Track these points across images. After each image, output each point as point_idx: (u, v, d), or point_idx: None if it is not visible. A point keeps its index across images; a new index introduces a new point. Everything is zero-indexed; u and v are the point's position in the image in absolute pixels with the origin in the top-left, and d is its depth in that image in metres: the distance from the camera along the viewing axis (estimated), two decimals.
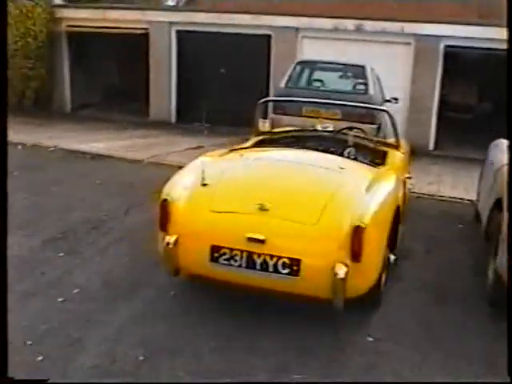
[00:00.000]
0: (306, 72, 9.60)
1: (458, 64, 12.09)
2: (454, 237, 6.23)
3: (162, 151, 10.09)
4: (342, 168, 4.46)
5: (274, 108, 9.10)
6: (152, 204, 4.49)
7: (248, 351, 3.77)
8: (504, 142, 6.47)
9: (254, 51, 12.68)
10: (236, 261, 3.86)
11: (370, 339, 4.00)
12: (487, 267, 4.90)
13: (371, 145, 5.54)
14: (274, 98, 5.79)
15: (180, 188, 4.22)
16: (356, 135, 5.69)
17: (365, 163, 4.86)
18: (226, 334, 3.96)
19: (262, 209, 3.89)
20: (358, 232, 3.73)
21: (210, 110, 13.02)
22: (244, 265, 3.84)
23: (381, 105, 9.05)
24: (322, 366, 3.67)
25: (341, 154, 5.40)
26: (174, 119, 14.08)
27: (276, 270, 3.79)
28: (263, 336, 3.95)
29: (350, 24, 11.82)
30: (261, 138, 5.79)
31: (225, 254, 3.88)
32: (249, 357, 3.70)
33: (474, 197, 7.04)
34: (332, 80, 9.78)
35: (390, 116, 5.51)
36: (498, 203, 4.81)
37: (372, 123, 8.76)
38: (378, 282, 4.12)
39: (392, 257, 4.44)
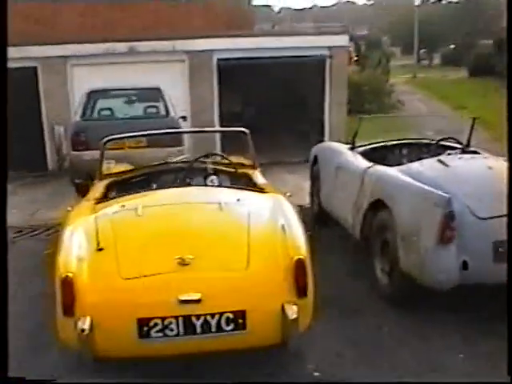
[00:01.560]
0: (99, 101, 8.92)
1: (229, 75, 12.42)
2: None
3: None
4: (238, 200, 4.11)
5: (73, 144, 8.26)
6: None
7: None
8: (334, 145, 6.71)
9: (19, 87, 11.39)
10: (172, 330, 3.31)
11: None
12: (373, 268, 4.96)
13: (231, 169, 5.26)
14: (119, 136, 5.12)
15: (74, 259, 3.48)
16: (214, 161, 5.37)
17: (249, 189, 4.56)
18: None
19: (183, 263, 3.39)
20: (300, 265, 3.44)
21: None
22: (182, 332, 3.31)
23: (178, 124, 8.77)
24: None
25: (204, 184, 5.06)
26: None
27: (219, 329, 3.33)
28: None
29: (122, 47, 11.31)
30: (107, 181, 5.12)
31: (156, 324, 3.30)
32: None
33: (306, 201, 7.13)
34: (122, 107, 9.24)
35: (246, 135, 5.30)
36: (374, 205, 4.90)
37: (178, 146, 8.46)
38: None
39: None
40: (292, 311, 3.35)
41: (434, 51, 41.30)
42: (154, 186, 5.00)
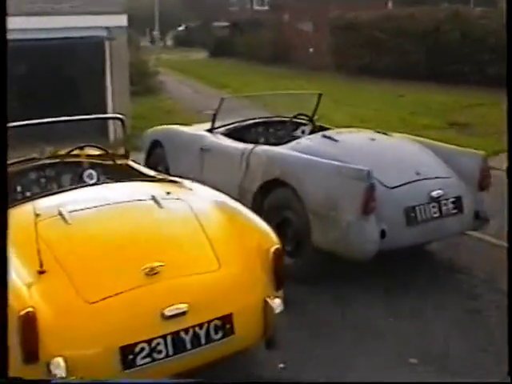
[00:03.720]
0: None
1: None
2: None
3: None
4: (168, 193, 3.66)
5: None
6: None
7: None
8: (180, 128, 6.40)
9: None
10: (160, 352, 2.85)
11: None
12: None
13: (109, 161, 4.65)
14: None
15: (24, 287, 2.76)
16: (88, 155, 4.69)
17: (162, 180, 4.08)
18: None
19: (152, 273, 2.93)
20: (279, 255, 3.22)
21: None
22: (171, 352, 2.88)
23: None
24: None
25: (80, 179, 4.44)
26: None
27: (209, 339, 2.97)
28: None
29: None
30: None
31: (142, 349, 2.81)
32: None
33: None
34: None
35: (124, 123, 4.73)
36: (266, 185, 4.80)
37: None
38: None
39: None
40: (276, 305, 3.13)
41: (165, 33, 41.88)
42: (31, 187, 4.29)
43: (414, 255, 4.89)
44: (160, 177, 4.20)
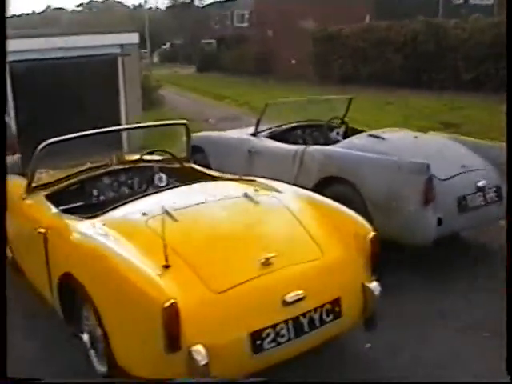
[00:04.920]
0: None
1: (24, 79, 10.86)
2: None
3: None
4: (256, 190, 3.62)
5: None
6: None
7: None
8: (220, 133, 6.37)
9: None
10: (283, 336, 2.83)
11: None
12: None
13: (177, 164, 4.61)
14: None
15: (160, 280, 2.71)
16: (156, 160, 4.65)
17: (239, 180, 4.04)
18: None
19: (267, 263, 2.91)
20: (375, 242, 3.22)
21: None
22: (293, 335, 2.86)
23: None
24: None
25: (152, 182, 4.40)
26: None
27: (322, 322, 2.95)
28: None
29: None
30: (44, 193, 4.07)
31: (269, 334, 2.78)
32: None
33: None
34: None
35: (188, 128, 4.71)
36: (321, 182, 4.79)
37: (15, 153, 7.17)
38: None
39: None
40: (375, 287, 3.14)
41: (153, 50, 41.73)
42: (105, 191, 4.30)
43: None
44: (235, 177, 4.16)
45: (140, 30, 35.76)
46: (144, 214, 3.23)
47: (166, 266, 2.78)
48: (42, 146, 3.94)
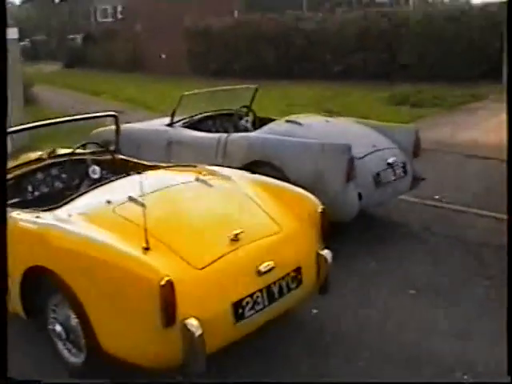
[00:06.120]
0: None
1: None
2: None
3: None
4: (204, 174, 3.79)
5: None
6: None
7: None
8: (134, 125, 6.37)
9: None
10: (259, 303, 3.08)
11: None
12: None
13: (109, 156, 4.59)
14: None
15: (154, 260, 2.81)
16: (91, 151, 4.60)
17: (179, 166, 4.15)
18: None
19: (235, 239, 3.13)
20: (325, 215, 3.55)
21: None
22: (266, 302, 3.11)
23: None
24: None
25: (86, 174, 4.40)
26: None
27: (289, 289, 3.24)
28: None
29: None
30: None
31: (247, 303, 3.02)
32: None
33: None
34: None
35: (117, 120, 4.69)
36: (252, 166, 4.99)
37: None
38: None
39: None
40: (327, 254, 3.47)
41: None
42: (39, 186, 4.34)
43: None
44: (172, 164, 4.28)
45: None
46: (108, 201, 3.29)
47: (146, 249, 2.88)
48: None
